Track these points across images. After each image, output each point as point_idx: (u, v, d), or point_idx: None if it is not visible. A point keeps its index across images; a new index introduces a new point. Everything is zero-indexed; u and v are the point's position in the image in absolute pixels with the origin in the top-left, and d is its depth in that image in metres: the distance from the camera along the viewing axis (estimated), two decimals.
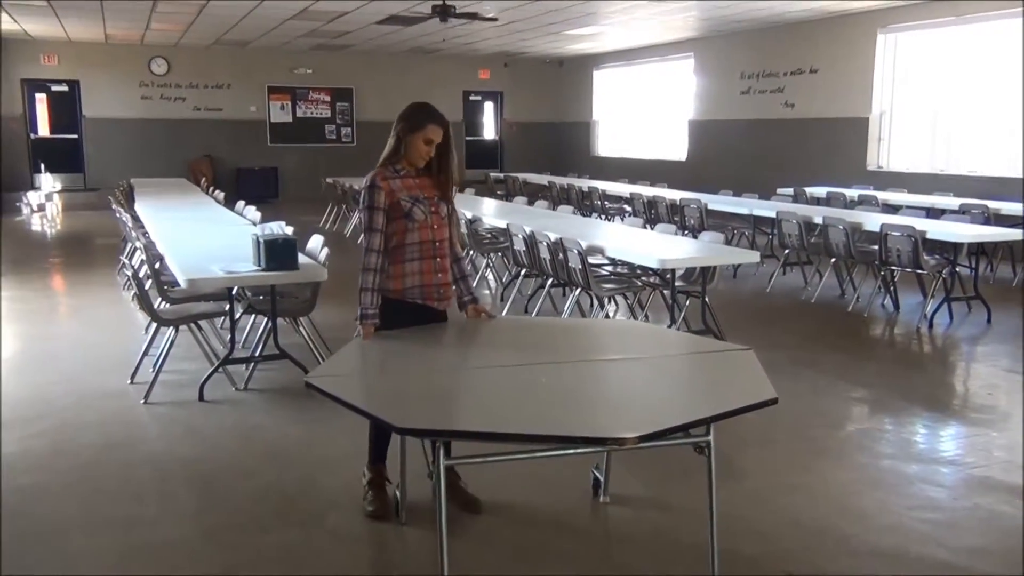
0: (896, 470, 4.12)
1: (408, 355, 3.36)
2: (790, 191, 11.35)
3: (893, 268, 7.54)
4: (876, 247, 7.42)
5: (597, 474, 3.73)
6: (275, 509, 3.59)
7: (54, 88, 16.98)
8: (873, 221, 7.73)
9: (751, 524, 3.49)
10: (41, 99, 17.01)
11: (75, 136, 17.14)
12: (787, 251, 8.62)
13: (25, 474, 4.05)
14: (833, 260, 8.08)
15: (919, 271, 7.26)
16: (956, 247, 7.23)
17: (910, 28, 11.79)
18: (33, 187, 16.26)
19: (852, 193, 10.72)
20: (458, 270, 3.65)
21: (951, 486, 3.93)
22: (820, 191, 11.17)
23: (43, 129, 17.07)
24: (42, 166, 16.48)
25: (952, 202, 9.50)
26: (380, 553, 3.39)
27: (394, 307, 3.49)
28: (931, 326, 7.09)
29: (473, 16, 11.34)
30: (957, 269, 7.37)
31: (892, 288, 7.77)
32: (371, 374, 3.24)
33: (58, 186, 16.48)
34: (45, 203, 15.59)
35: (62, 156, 16.98)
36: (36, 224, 14.48)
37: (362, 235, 3.52)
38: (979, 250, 7.93)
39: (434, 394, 2.94)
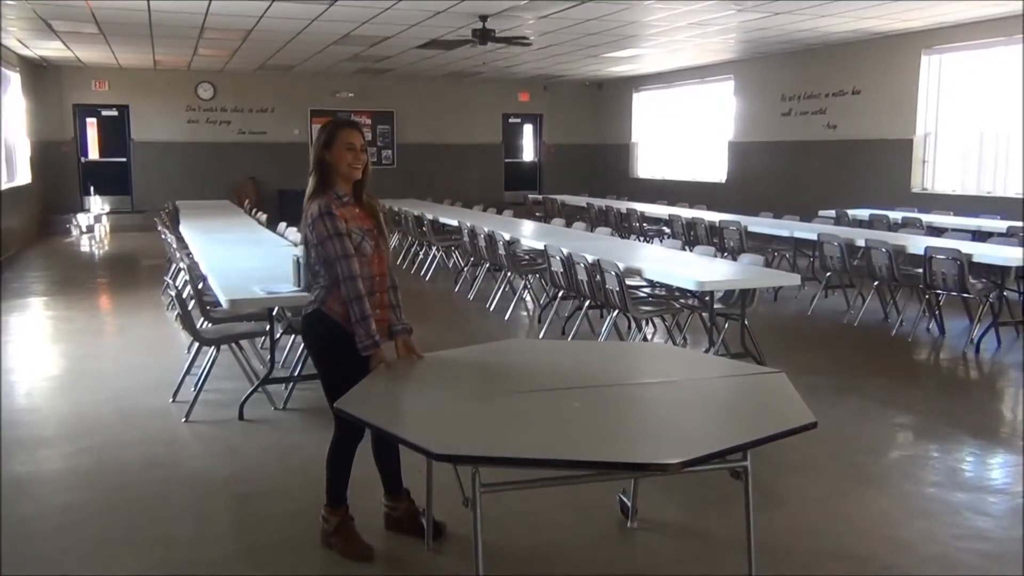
0: (942, 498, 4.02)
1: (439, 379, 3.35)
2: (832, 213, 11.20)
3: (938, 292, 7.39)
4: (920, 270, 7.29)
5: (624, 499, 3.70)
6: (311, 530, 3.60)
7: (104, 113, 17.42)
8: (917, 244, 7.60)
9: (790, 553, 3.42)
10: (91, 123, 17.45)
11: (124, 159, 17.53)
12: (829, 274, 8.51)
13: (69, 491, 4.13)
14: (876, 283, 7.96)
15: (965, 295, 7.11)
16: (1004, 271, 7.08)
17: (955, 49, 11.63)
18: (83, 209, 16.66)
19: (896, 215, 10.55)
20: (393, 297, 3.45)
21: (999, 516, 3.82)
22: (863, 213, 11.01)
23: (93, 152, 17.50)
24: (91, 189, 16.89)
25: (999, 225, 9.30)
26: None
27: (339, 332, 3.28)
28: (978, 351, 6.93)
29: (511, 40, 11.42)
30: (1005, 293, 7.21)
31: (937, 312, 7.62)
32: (402, 399, 3.24)
33: (106, 208, 16.86)
34: (93, 225, 15.95)
35: (111, 179, 17.38)
36: (84, 245, 14.82)
37: (337, 263, 3.21)
38: None
39: (468, 419, 2.92)
